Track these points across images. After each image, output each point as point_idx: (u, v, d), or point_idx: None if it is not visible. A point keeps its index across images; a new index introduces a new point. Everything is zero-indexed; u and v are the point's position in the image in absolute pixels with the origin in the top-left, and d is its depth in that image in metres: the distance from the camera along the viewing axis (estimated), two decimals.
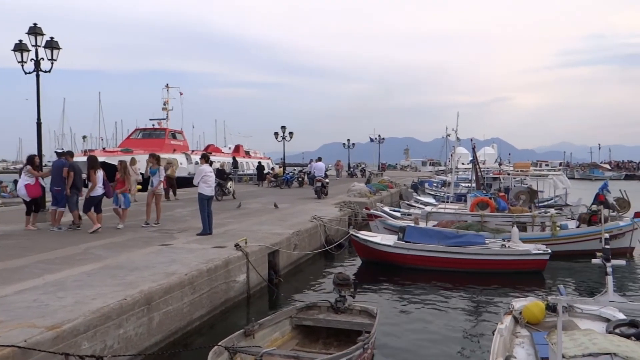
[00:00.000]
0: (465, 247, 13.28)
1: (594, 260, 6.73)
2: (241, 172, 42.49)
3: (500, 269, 12.98)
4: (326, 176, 26.84)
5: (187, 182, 26.40)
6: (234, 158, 40.36)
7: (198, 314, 8.33)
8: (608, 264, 6.28)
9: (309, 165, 35.94)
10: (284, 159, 44.68)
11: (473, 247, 13.30)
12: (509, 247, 13.44)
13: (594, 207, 16.36)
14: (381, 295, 11.22)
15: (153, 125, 41.61)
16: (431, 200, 26.51)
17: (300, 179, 33.44)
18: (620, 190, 17.86)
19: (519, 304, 7.04)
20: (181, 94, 46.13)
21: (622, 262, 6.82)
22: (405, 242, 13.52)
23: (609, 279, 6.28)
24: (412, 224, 15.46)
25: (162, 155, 17.97)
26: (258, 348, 6.17)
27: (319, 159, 28.44)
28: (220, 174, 22.22)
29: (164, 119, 43.09)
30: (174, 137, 40.16)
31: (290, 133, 42.17)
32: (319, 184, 23.89)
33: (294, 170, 42.98)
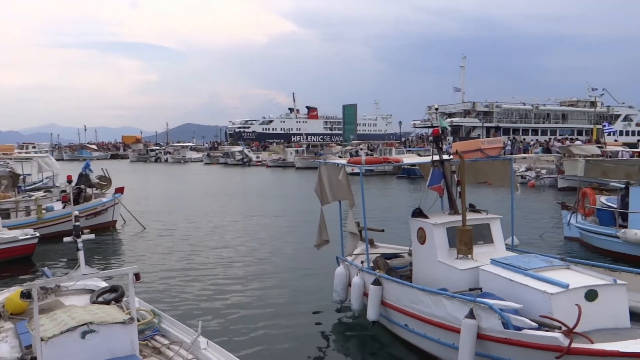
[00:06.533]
0: None
1: (65, 239, 6.96)
2: None
3: None
4: None
5: None
6: None
7: None
8: (79, 240, 6.73)
9: None
10: None
11: None
12: None
13: (81, 187, 17.18)
14: None
15: None
16: None
17: None
18: (102, 169, 19.26)
19: (1, 296, 6.59)
20: None
21: (92, 236, 7.23)
22: None
23: (80, 254, 6.70)
24: None
25: None
26: None
27: None
28: None
29: None
30: None
31: None
32: None
33: None
